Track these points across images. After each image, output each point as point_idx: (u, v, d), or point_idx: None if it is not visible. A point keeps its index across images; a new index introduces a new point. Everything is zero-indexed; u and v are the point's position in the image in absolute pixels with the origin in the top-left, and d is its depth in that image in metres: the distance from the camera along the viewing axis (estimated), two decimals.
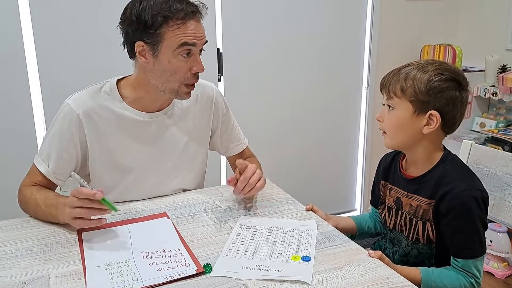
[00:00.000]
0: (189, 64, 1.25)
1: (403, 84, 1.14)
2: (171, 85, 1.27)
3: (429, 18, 2.99)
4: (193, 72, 1.26)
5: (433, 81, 1.12)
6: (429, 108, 1.13)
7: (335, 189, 3.07)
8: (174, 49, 1.21)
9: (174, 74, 1.25)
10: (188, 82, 1.28)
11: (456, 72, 1.15)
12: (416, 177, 1.22)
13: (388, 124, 1.20)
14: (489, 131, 2.74)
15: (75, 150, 1.31)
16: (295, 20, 2.63)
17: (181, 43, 1.21)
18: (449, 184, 1.13)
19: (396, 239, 1.30)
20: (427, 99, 1.12)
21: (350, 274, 0.97)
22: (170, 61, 1.23)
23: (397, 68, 1.20)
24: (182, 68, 1.25)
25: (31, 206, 1.25)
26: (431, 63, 1.16)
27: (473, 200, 1.11)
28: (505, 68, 2.73)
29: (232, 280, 0.96)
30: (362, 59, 2.90)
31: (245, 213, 1.29)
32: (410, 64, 1.18)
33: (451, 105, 1.13)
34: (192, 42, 1.22)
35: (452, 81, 1.13)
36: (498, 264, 2.44)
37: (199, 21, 1.24)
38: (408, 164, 1.26)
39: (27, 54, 2.07)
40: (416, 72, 1.14)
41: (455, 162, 1.20)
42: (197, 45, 1.24)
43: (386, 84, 1.19)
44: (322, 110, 2.86)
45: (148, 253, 1.06)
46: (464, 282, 1.12)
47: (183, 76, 1.26)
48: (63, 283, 0.94)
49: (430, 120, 1.14)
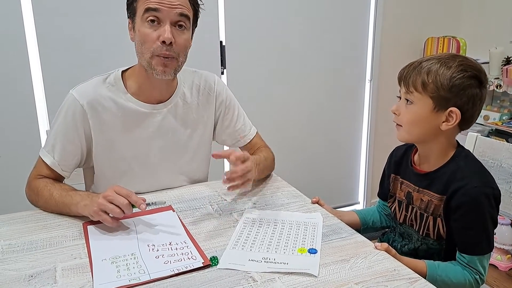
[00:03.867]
0: (157, 33, 1.21)
1: (425, 78, 1.11)
2: (145, 57, 1.25)
3: (433, 10, 2.97)
4: (160, 40, 1.21)
5: (456, 78, 1.10)
6: (449, 105, 1.11)
7: (339, 182, 3.07)
8: (141, 16, 1.22)
9: (144, 43, 1.23)
10: (158, 53, 1.23)
11: (478, 69, 1.12)
12: (428, 172, 1.21)
13: (404, 118, 1.17)
14: (493, 124, 2.73)
15: (80, 141, 1.31)
16: (298, 13, 2.62)
17: (145, 8, 1.20)
18: (461, 180, 1.12)
19: (407, 233, 1.29)
20: (448, 96, 1.10)
21: (357, 267, 0.97)
22: (140, 29, 1.23)
23: (417, 61, 1.17)
24: (149, 36, 1.22)
25: (43, 197, 1.25)
26: (453, 58, 1.13)
27: (484, 197, 1.10)
28: (509, 60, 2.71)
29: (238, 272, 0.95)
30: (365, 52, 2.88)
31: (250, 206, 1.29)
32: (432, 57, 1.15)
33: (471, 102, 1.11)
34: (155, 7, 1.19)
35: (474, 79, 1.11)
36: (502, 256, 2.45)
37: None
38: (420, 158, 1.25)
39: (29, 49, 2.07)
40: (438, 66, 1.11)
41: (469, 159, 1.18)
42: (162, 11, 1.20)
43: (406, 77, 1.16)
44: (326, 103, 2.85)
45: (154, 246, 1.06)
46: (469, 278, 1.12)
47: (152, 45, 1.22)
48: (70, 276, 0.94)
49: (450, 117, 1.12)
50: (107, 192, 1.11)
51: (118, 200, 1.09)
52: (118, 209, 1.09)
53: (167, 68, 1.25)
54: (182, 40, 1.25)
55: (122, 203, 1.09)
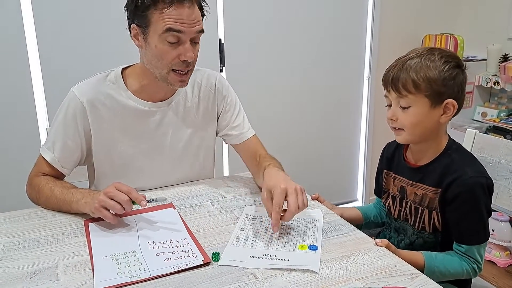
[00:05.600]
0: (177, 51, 1.20)
1: (415, 78, 1.11)
2: (160, 71, 1.24)
3: (431, 8, 2.98)
4: (181, 59, 1.21)
5: (444, 70, 1.11)
6: (444, 98, 1.12)
7: (337, 179, 3.07)
8: (159, 33, 1.17)
9: (161, 59, 1.21)
10: (177, 69, 1.23)
11: (456, 56, 1.16)
12: (422, 166, 1.22)
13: (406, 122, 1.15)
14: (490, 121, 2.74)
15: (80, 138, 1.31)
16: (297, 10, 2.62)
17: (166, 28, 1.16)
18: (456, 172, 1.13)
19: (402, 228, 1.30)
20: (442, 90, 1.11)
21: (357, 263, 0.98)
22: (157, 45, 1.20)
23: (399, 62, 1.15)
24: (168, 54, 1.20)
25: (44, 194, 1.25)
26: (431, 51, 1.14)
27: (479, 186, 1.11)
28: (507, 57, 2.72)
29: (240, 269, 0.96)
30: (363, 49, 2.89)
31: (250, 203, 1.29)
32: (410, 56, 1.14)
33: (461, 90, 1.14)
34: (178, 28, 1.17)
35: (457, 67, 1.14)
36: (500, 253, 2.46)
37: (190, 7, 1.17)
38: (413, 153, 1.26)
39: (29, 48, 2.06)
40: (423, 63, 1.11)
41: (460, 150, 1.20)
42: (184, 32, 1.18)
43: (393, 80, 1.14)
44: (324, 100, 2.85)
45: (155, 243, 1.06)
46: (467, 267, 1.13)
47: (171, 62, 1.21)
48: (71, 273, 0.95)
49: (447, 109, 1.14)
50: (108, 189, 1.11)
51: (118, 196, 1.09)
52: (119, 206, 1.09)
53: (184, 81, 1.27)
54: (197, 53, 1.26)
55: (123, 200, 1.09)
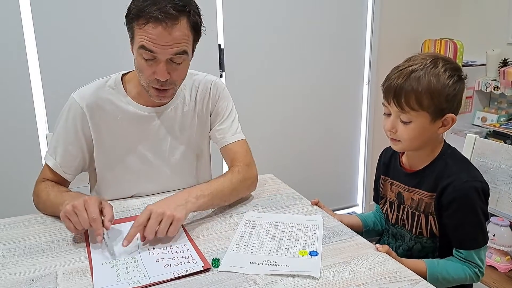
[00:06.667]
0: (152, 69, 1.19)
1: (419, 95, 1.09)
2: (142, 83, 1.24)
3: (430, 13, 2.99)
4: (156, 77, 1.20)
5: (449, 86, 1.10)
6: (445, 113, 1.13)
7: (337, 185, 3.07)
8: (137, 48, 1.18)
9: (140, 72, 1.22)
10: (153, 86, 1.22)
11: (458, 68, 1.14)
12: (417, 171, 1.22)
13: (405, 135, 1.14)
14: (490, 125, 2.74)
15: (81, 143, 1.31)
16: (296, 15, 2.62)
17: (139, 45, 1.16)
18: (450, 176, 1.14)
19: (399, 233, 1.30)
20: (445, 106, 1.12)
21: (358, 268, 0.97)
22: (137, 59, 1.21)
23: (401, 72, 1.12)
24: (145, 70, 1.20)
25: (41, 199, 1.25)
26: (434, 63, 1.11)
27: (474, 191, 1.11)
28: (506, 62, 2.73)
29: (240, 275, 0.95)
30: (363, 54, 2.89)
31: (250, 208, 1.29)
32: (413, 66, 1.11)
33: (460, 102, 1.14)
34: (150, 48, 1.14)
35: (460, 80, 1.13)
36: (501, 258, 2.45)
37: (167, 29, 1.13)
38: (409, 158, 1.26)
39: (28, 51, 2.06)
40: (428, 78, 1.09)
41: (455, 155, 1.20)
42: (157, 52, 1.15)
43: (396, 95, 1.11)
44: (324, 105, 2.85)
45: (155, 249, 1.06)
46: (468, 272, 1.13)
47: (148, 77, 1.21)
48: (71, 280, 0.94)
49: (446, 122, 1.14)
50: (77, 203, 1.06)
51: (82, 215, 1.04)
52: (80, 225, 1.05)
53: (164, 97, 1.26)
54: (179, 72, 1.23)
55: (83, 221, 1.04)
